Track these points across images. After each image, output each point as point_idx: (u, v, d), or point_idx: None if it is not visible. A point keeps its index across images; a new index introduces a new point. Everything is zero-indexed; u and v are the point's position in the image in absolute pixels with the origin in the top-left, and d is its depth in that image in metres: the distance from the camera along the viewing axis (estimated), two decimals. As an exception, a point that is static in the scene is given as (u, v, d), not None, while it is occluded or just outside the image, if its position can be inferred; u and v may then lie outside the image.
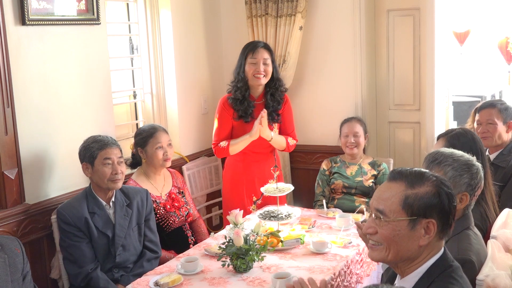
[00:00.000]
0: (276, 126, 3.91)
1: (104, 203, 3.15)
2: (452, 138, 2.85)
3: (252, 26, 4.50)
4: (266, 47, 3.83)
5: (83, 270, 3.03)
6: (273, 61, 3.83)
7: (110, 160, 3.09)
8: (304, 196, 4.54)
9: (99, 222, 3.09)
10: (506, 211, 2.66)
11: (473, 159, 2.35)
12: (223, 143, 3.83)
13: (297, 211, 3.44)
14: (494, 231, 2.45)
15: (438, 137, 2.99)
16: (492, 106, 3.53)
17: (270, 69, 3.80)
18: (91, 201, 3.12)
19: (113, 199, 3.18)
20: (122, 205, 3.19)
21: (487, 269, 2.11)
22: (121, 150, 3.19)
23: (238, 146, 3.82)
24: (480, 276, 2.08)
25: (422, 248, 1.79)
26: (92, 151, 3.08)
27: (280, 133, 3.95)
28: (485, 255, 2.20)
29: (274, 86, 3.86)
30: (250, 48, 3.80)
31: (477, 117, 3.57)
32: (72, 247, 3.04)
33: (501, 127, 3.47)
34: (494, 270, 2.12)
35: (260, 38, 4.46)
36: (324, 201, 3.76)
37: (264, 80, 3.79)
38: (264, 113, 3.67)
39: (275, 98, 3.87)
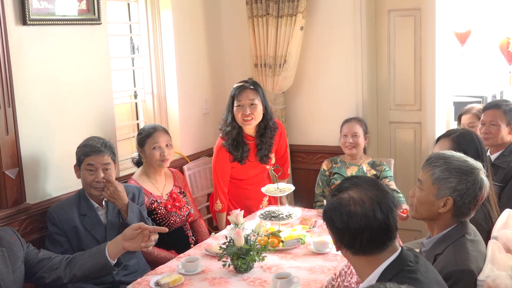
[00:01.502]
0: (273, 155, 3.90)
1: (96, 205, 3.14)
2: (458, 137, 2.82)
3: (253, 26, 4.50)
4: (253, 86, 3.70)
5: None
6: (262, 100, 3.71)
7: (93, 167, 3.06)
8: (304, 196, 4.53)
9: (89, 224, 3.09)
10: (507, 211, 2.66)
11: (477, 167, 2.23)
12: (219, 205, 3.82)
13: (298, 211, 3.44)
14: (495, 231, 2.45)
15: (439, 138, 2.96)
16: (497, 107, 3.51)
17: (258, 109, 3.68)
18: (83, 203, 3.12)
19: (105, 198, 3.17)
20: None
21: (488, 270, 2.11)
22: (112, 157, 3.12)
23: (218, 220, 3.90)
24: (480, 277, 2.08)
25: None
26: (79, 156, 3.08)
27: (276, 161, 3.95)
28: (484, 260, 2.19)
29: (264, 127, 3.77)
30: (236, 92, 3.69)
31: (482, 117, 3.56)
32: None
33: (504, 129, 3.46)
34: (495, 271, 2.11)
35: (261, 38, 4.46)
36: (324, 202, 3.74)
37: (254, 122, 3.71)
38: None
39: (266, 139, 3.79)
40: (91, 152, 3.07)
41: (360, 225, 1.78)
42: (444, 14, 4.31)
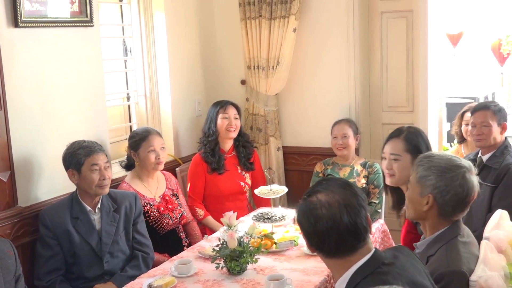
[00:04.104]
0: (248, 175, 4.14)
1: (88, 208, 3.12)
2: (408, 135, 2.96)
3: (246, 28, 4.50)
4: (234, 105, 4.13)
5: (39, 283, 3.02)
6: (240, 118, 4.15)
7: (97, 166, 3.06)
8: (298, 198, 4.48)
9: (82, 228, 3.08)
10: (499, 212, 2.66)
11: (460, 165, 2.22)
12: (200, 212, 3.95)
13: (291, 213, 3.44)
14: (486, 232, 2.46)
15: (389, 138, 3.03)
16: (487, 108, 3.52)
17: (239, 124, 4.08)
18: (76, 207, 3.10)
19: (99, 205, 3.16)
20: (109, 210, 3.17)
21: (480, 271, 2.11)
22: (107, 155, 3.17)
23: (208, 226, 3.97)
24: (473, 278, 2.09)
25: None
26: (79, 158, 3.06)
27: (252, 179, 4.16)
28: (476, 262, 2.19)
29: (243, 139, 4.17)
30: (221, 105, 4.07)
31: (471, 119, 3.57)
32: (38, 256, 3.04)
33: (495, 129, 3.47)
34: (487, 272, 2.12)
35: (254, 40, 4.47)
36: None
37: (234, 134, 4.07)
38: None
39: (246, 149, 4.16)
40: (92, 152, 3.07)
41: (327, 228, 1.79)
42: (436, 15, 4.33)
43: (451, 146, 4.82)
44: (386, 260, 1.84)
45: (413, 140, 2.95)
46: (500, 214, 2.64)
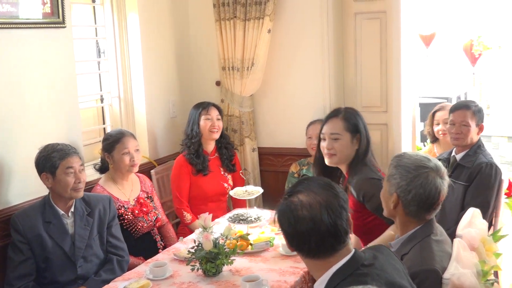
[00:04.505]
0: (230, 176, 4.17)
1: (61, 212, 3.08)
2: (346, 114, 3.01)
3: (220, 29, 4.49)
4: (216, 106, 4.16)
5: None
6: (222, 119, 4.15)
7: (72, 169, 3.03)
8: (273, 198, 4.49)
9: (54, 232, 3.03)
10: (471, 210, 2.70)
11: (426, 166, 2.24)
12: (188, 216, 3.94)
13: (266, 214, 3.44)
14: (459, 230, 2.49)
15: (327, 119, 3.06)
16: (467, 108, 3.56)
17: (221, 124, 4.11)
18: (48, 211, 3.06)
19: (72, 209, 3.12)
20: (83, 214, 3.14)
21: (453, 268, 2.14)
22: (81, 158, 3.14)
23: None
24: (446, 275, 2.11)
25: None
26: (54, 161, 3.01)
27: (233, 180, 4.17)
28: (449, 260, 2.22)
29: (225, 141, 4.21)
30: (204, 107, 4.08)
31: (450, 117, 3.60)
32: (9, 260, 2.99)
33: (473, 129, 3.52)
34: (460, 269, 2.15)
35: (228, 41, 4.46)
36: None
37: (217, 135, 4.09)
38: None
39: (228, 150, 4.20)
40: (67, 155, 3.04)
41: (307, 229, 1.79)
42: (409, 16, 4.37)
43: (424, 145, 4.87)
44: (365, 261, 1.84)
45: (351, 119, 3.01)
46: (472, 213, 2.68)
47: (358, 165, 2.98)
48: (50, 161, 3.02)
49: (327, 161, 3.03)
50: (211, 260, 2.78)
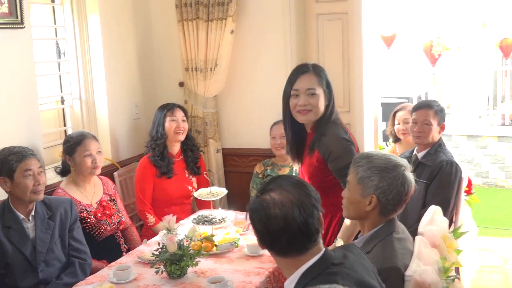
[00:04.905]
0: (195, 179, 4.16)
1: (21, 216, 3.01)
2: (315, 69, 3.03)
3: (183, 30, 4.47)
4: (181, 107, 4.14)
5: None
6: (187, 120, 4.14)
7: (31, 172, 2.97)
8: (238, 199, 4.54)
9: (14, 237, 2.96)
10: (432, 208, 2.75)
11: (399, 164, 2.28)
12: (151, 219, 3.91)
13: (231, 215, 3.44)
14: (421, 227, 2.53)
15: (297, 75, 3.03)
16: (430, 107, 3.62)
17: (187, 126, 4.10)
18: (8, 215, 2.99)
19: (33, 212, 3.06)
20: (43, 218, 3.07)
21: (414, 265, 2.17)
22: (39, 160, 3.08)
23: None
24: (408, 272, 2.14)
25: None
26: (11, 164, 2.95)
27: (198, 183, 4.15)
28: (411, 257, 2.25)
29: (190, 143, 4.19)
30: (169, 108, 4.06)
31: (413, 116, 3.66)
32: None
33: (435, 128, 3.58)
34: (421, 266, 2.18)
35: (191, 42, 4.44)
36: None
37: (183, 137, 4.07)
38: None
39: (193, 153, 4.19)
40: (24, 157, 2.97)
41: (279, 227, 1.79)
42: (370, 18, 4.41)
43: (387, 145, 4.93)
44: (335, 260, 1.85)
45: (323, 74, 3.03)
46: (433, 210, 2.73)
47: (327, 122, 2.97)
48: (7, 164, 2.95)
49: (301, 119, 2.99)
50: (175, 262, 2.76)
